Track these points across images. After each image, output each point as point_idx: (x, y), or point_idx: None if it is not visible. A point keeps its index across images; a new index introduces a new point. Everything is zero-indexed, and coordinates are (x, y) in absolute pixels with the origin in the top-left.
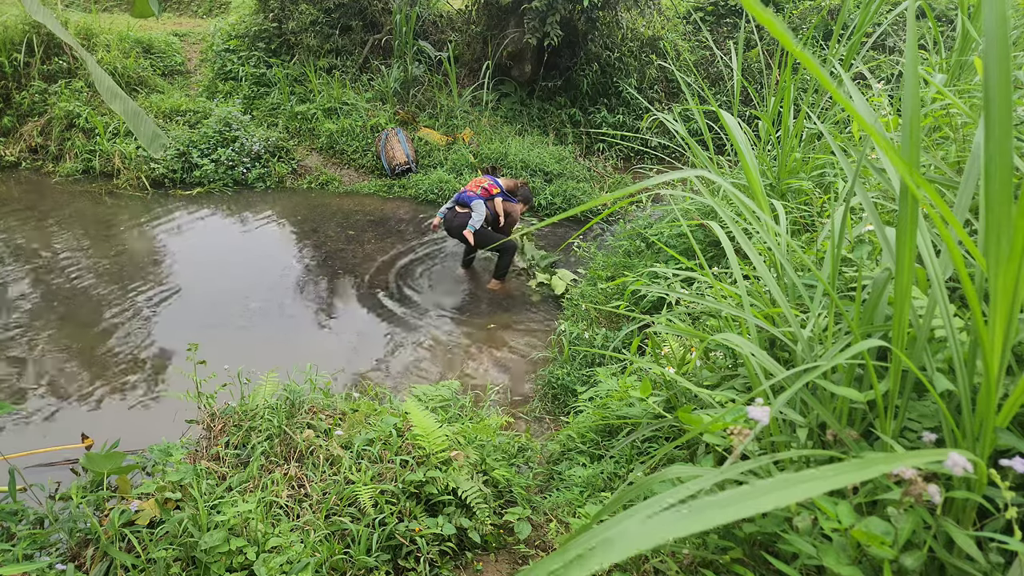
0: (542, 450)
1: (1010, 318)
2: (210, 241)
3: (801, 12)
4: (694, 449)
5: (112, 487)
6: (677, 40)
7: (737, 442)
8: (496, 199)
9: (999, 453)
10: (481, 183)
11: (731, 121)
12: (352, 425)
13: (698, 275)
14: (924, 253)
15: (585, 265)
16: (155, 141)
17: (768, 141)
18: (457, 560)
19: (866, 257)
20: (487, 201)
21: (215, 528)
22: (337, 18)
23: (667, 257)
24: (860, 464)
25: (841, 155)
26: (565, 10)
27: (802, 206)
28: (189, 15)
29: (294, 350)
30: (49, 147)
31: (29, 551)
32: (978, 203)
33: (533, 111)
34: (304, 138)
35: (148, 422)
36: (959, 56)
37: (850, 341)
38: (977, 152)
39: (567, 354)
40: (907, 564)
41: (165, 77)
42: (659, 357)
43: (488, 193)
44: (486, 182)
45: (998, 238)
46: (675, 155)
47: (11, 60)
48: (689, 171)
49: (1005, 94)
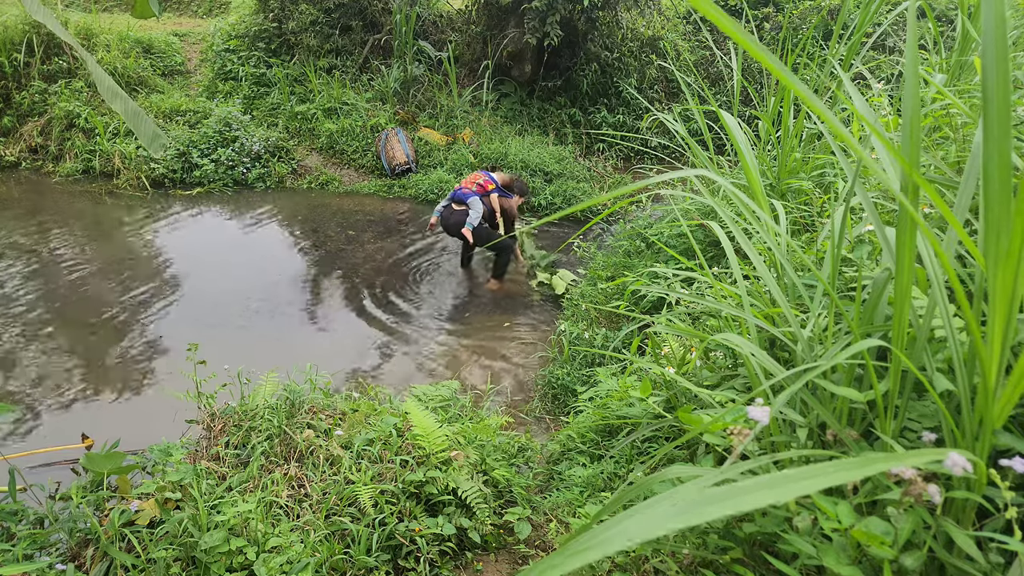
0: (542, 450)
1: (1009, 317)
2: (210, 241)
3: (801, 12)
4: (694, 449)
5: (112, 487)
6: (677, 40)
7: (737, 442)
8: (492, 195)
9: (999, 453)
10: (476, 179)
11: (731, 121)
12: (352, 425)
13: (698, 275)
14: (924, 253)
15: (585, 265)
16: (155, 141)
17: (768, 141)
18: (457, 560)
19: (866, 257)
20: (483, 197)
21: (215, 528)
22: (337, 18)
23: (667, 257)
24: (859, 462)
25: (841, 155)
26: (565, 10)
27: (802, 206)
28: (189, 15)
29: (294, 350)
30: (49, 147)
31: (29, 551)
32: (978, 203)
33: (533, 111)
34: (304, 138)
35: (148, 422)
36: (959, 56)
37: (850, 341)
38: (977, 152)
39: (567, 354)
40: (907, 564)
41: (165, 77)
42: (659, 357)
43: (484, 189)
44: (481, 178)
45: (997, 237)
46: (675, 155)
47: (11, 60)
48: (689, 171)
49: (1004, 94)
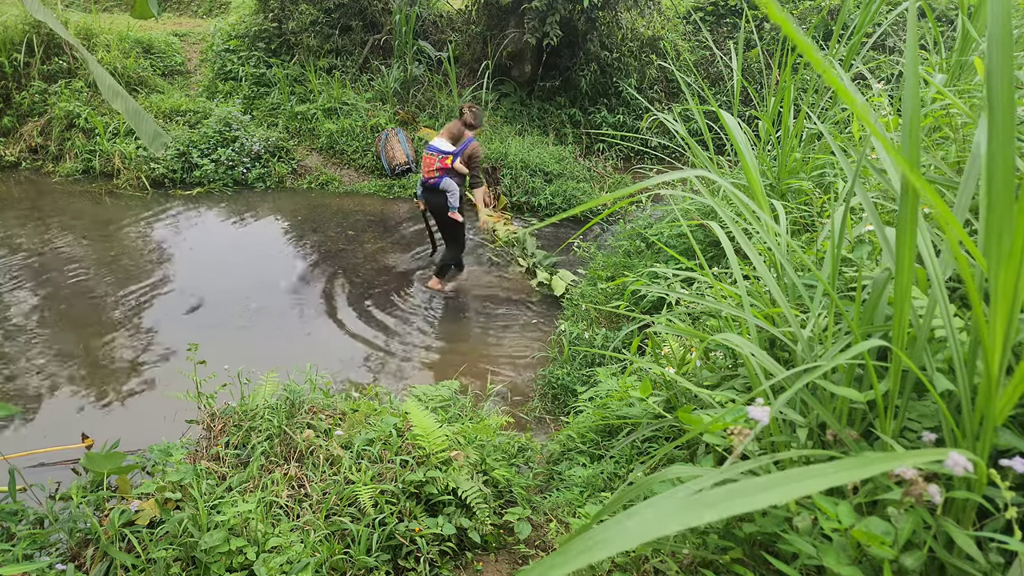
0: (542, 450)
1: (1010, 317)
2: (210, 241)
3: (801, 12)
4: (694, 449)
5: (112, 487)
6: (677, 40)
7: (737, 442)
8: (455, 164)
9: (999, 453)
10: (432, 164)
11: (731, 121)
12: (352, 425)
13: (698, 275)
14: (924, 253)
15: (585, 265)
16: (156, 140)
17: (768, 141)
18: (457, 560)
19: (866, 257)
20: (450, 175)
21: (215, 528)
22: (337, 18)
23: (667, 257)
24: (859, 462)
25: (841, 155)
26: (565, 10)
27: (802, 206)
28: (189, 15)
29: (294, 350)
30: (49, 147)
31: (29, 551)
32: (978, 203)
33: (533, 111)
34: (304, 138)
35: (148, 422)
36: (959, 56)
37: (850, 341)
38: (977, 152)
39: (567, 354)
40: (907, 564)
41: (165, 77)
42: (659, 357)
43: (445, 166)
44: (436, 158)
45: (999, 237)
46: (675, 155)
47: (11, 60)
48: (689, 171)
49: (1008, 93)
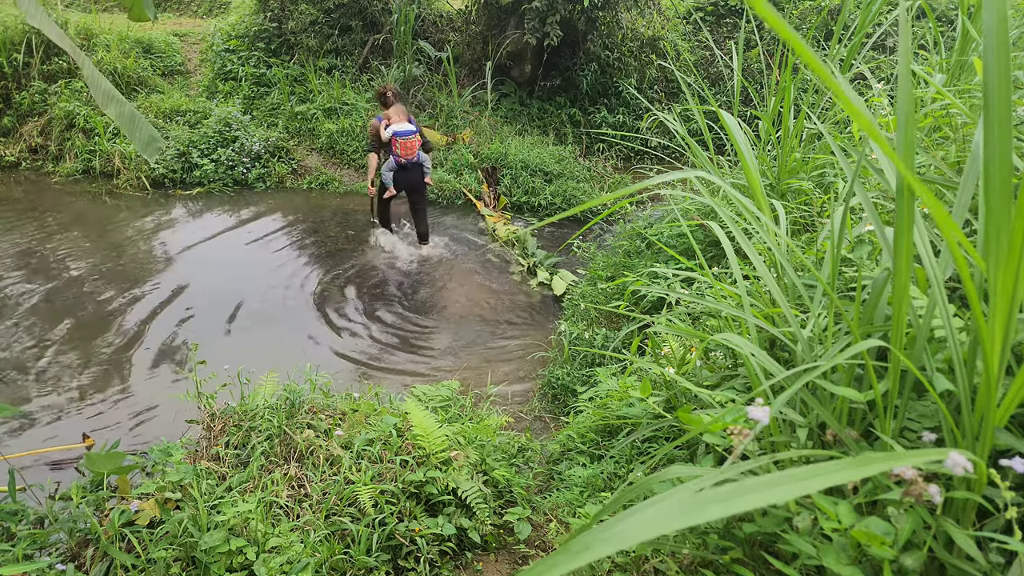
0: (542, 450)
1: (1009, 317)
2: (210, 241)
3: (801, 12)
4: (694, 449)
5: (112, 487)
6: (677, 40)
7: (737, 442)
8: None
9: (999, 453)
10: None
11: (731, 121)
12: (352, 425)
13: (698, 275)
14: (923, 253)
15: (585, 265)
16: (151, 145)
17: (768, 141)
18: (457, 560)
19: (866, 257)
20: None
21: (215, 528)
22: (337, 18)
23: (667, 257)
24: (859, 462)
25: (841, 155)
26: (565, 10)
27: (802, 206)
28: (189, 15)
29: (294, 350)
30: (49, 147)
31: (29, 551)
32: (977, 203)
33: (533, 111)
34: (304, 138)
35: (148, 422)
36: (959, 56)
37: (850, 341)
38: (977, 152)
39: (567, 354)
40: (907, 564)
41: (165, 77)
42: (659, 357)
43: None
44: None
45: (998, 238)
46: (675, 155)
47: (11, 60)
48: (689, 171)
49: (1005, 94)
